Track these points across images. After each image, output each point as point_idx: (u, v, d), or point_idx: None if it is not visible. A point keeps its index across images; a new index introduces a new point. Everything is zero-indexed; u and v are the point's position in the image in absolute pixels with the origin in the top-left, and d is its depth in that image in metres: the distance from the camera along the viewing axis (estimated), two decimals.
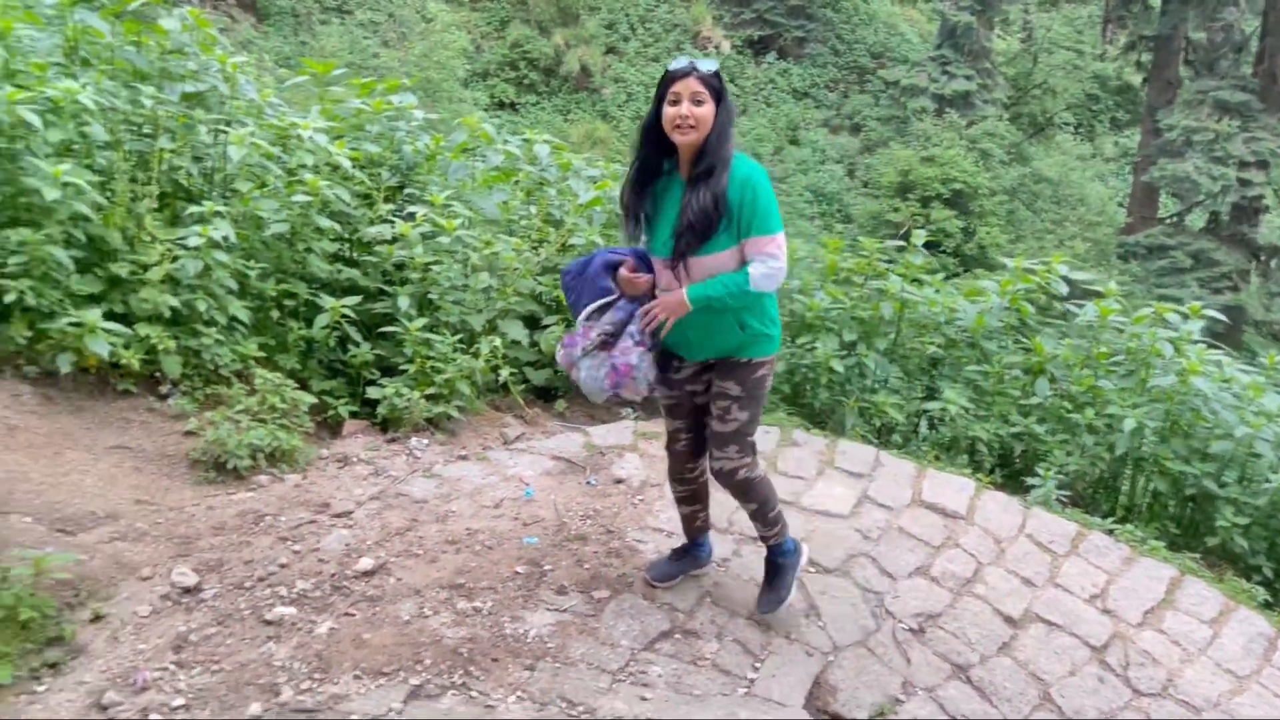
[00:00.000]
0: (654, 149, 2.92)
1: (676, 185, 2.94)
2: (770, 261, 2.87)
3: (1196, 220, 24.03)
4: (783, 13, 26.72)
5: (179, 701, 2.62)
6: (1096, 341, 5.29)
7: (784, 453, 4.42)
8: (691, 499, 3.35)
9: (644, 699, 2.87)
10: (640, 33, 25.76)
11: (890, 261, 5.63)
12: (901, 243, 5.59)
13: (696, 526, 3.43)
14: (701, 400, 3.15)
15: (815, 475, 4.28)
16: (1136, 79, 28.80)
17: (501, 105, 22.95)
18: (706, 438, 3.13)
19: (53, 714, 2.52)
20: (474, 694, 2.78)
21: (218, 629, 2.95)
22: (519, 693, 2.83)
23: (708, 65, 2.83)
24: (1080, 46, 31.99)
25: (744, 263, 2.88)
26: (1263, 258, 23.35)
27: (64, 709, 2.54)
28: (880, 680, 3.23)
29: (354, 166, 4.98)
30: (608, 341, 3.00)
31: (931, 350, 5.36)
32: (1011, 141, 26.04)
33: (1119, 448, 4.84)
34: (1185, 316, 5.31)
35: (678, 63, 2.87)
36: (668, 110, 2.83)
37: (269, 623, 3.00)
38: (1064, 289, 5.39)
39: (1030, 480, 4.71)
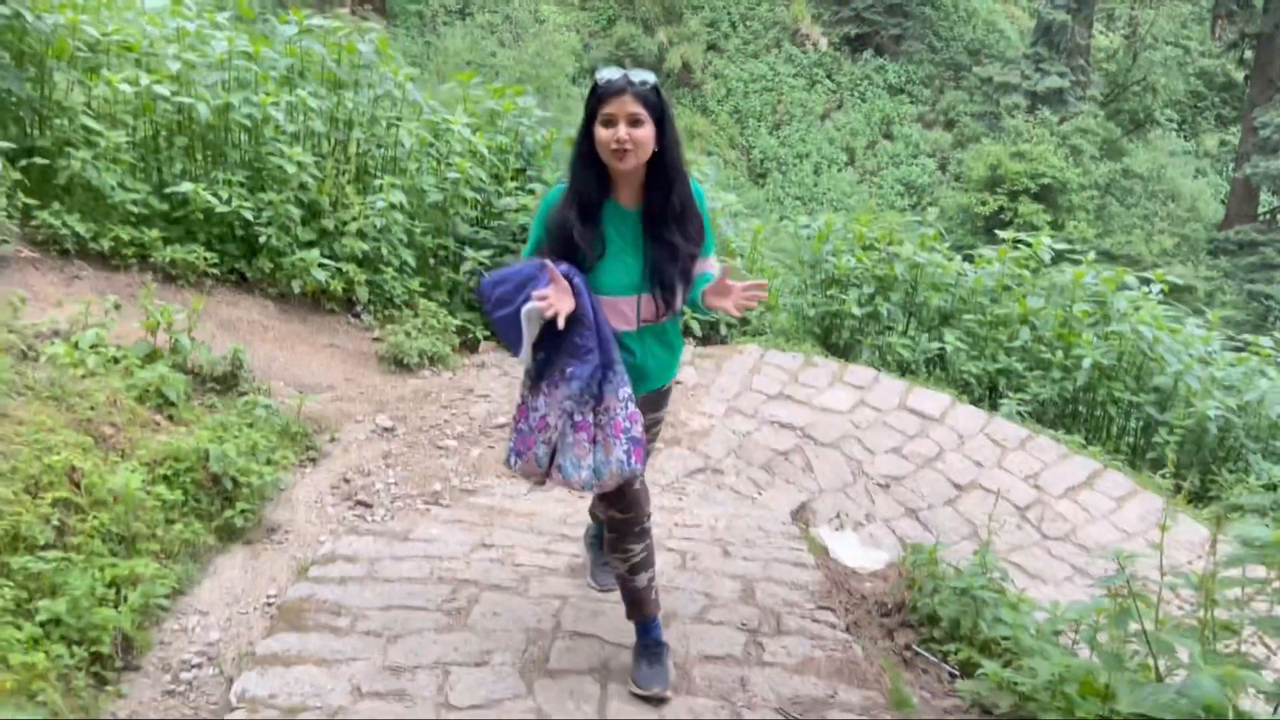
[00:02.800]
0: (593, 172, 2.54)
1: (622, 215, 2.60)
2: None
3: None
4: (881, 10, 27.61)
5: (389, 480, 4.23)
6: (1074, 300, 6.55)
7: (804, 371, 5.86)
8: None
9: (680, 500, 4.39)
10: (741, 30, 27.05)
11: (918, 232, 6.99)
12: (917, 219, 6.95)
13: None
14: None
15: (826, 385, 5.72)
16: (1240, 76, 28.90)
17: None
18: None
19: (318, 486, 4.14)
20: (578, 498, 4.33)
21: (408, 450, 4.56)
22: None
23: (642, 77, 2.48)
24: (1186, 42, 32.05)
25: None
26: None
27: (324, 482, 4.17)
28: (849, 510, 4.67)
29: (489, 152, 6.58)
30: (594, 408, 2.58)
31: (938, 303, 6.71)
32: (1105, 138, 26.52)
33: (1079, 380, 6.13)
34: (1148, 282, 6.54)
35: (607, 75, 2.49)
36: (600, 133, 2.47)
37: (440, 448, 4.61)
38: (1049, 256, 6.67)
39: (1003, 402, 6.05)
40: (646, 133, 2.48)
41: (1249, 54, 27.20)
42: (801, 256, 7.08)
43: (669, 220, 2.58)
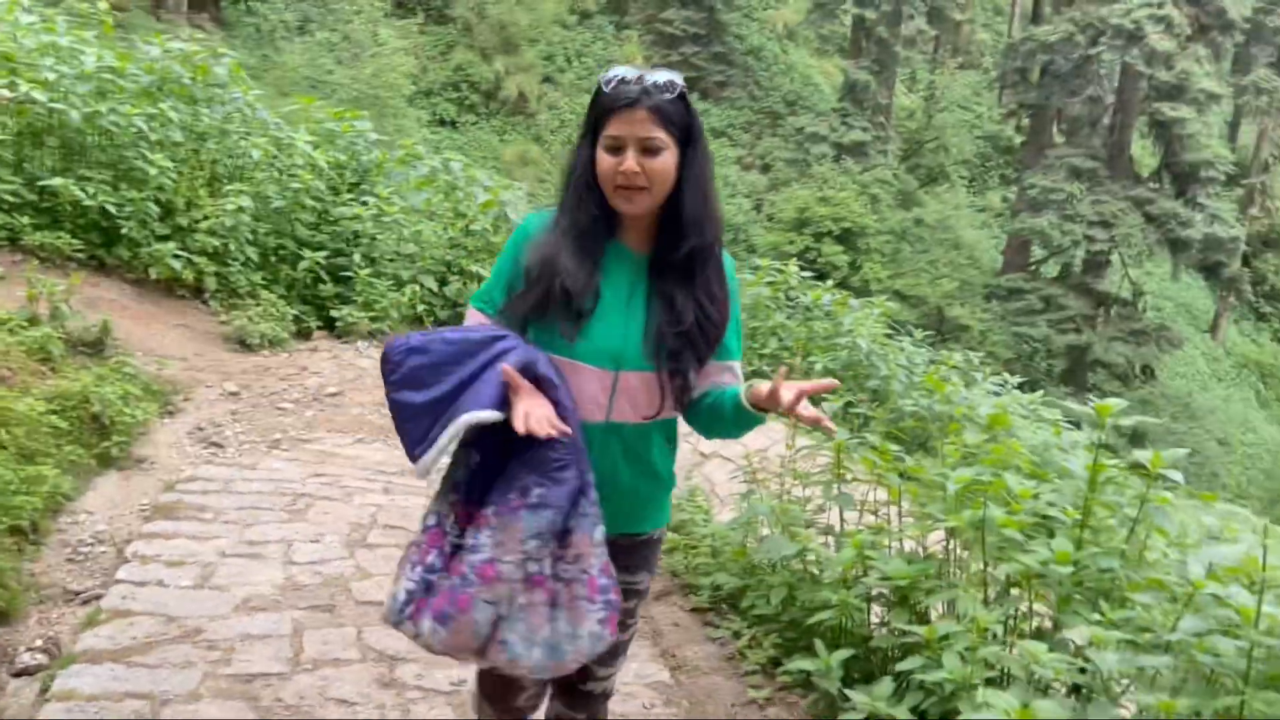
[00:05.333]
0: (592, 201, 1.85)
1: (625, 261, 1.89)
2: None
3: (1050, 270, 27.47)
4: (707, 57, 29.52)
5: (237, 430, 5.17)
6: (815, 319, 8.05)
7: None
8: None
9: None
10: (575, 65, 28.47)
11: None
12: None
13: None
14: None
15: None
16: (1018, 141, 32.39)
17: (442, 123, 25.48)
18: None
19: (176, 432, 5.04)
20: (389, 442, 5.38)
21: (252, 409, 5.50)
22: None
23: (664, 79, 1.79)
24: (976, 107, 35.63)
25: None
26: (1106, 305, 26.66)
27: (181, 429, 5.07)
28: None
29: (329, 167, 7.55)
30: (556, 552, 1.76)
31: None
32: (901, 189, 29.28)
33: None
34: (872, 305, 8.12)
35: (617, 77, 1.79)
36: (603, 160, 1.80)
37: (279, 409, 5.57)
38: (795, 282, 8.17)
39: None
40: (666, 163, 1.78)
41: (1025, 122, 30.66)
42: None
43: (686, 277, 1.86)
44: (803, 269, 8.47)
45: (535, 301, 1.84)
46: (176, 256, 6.42)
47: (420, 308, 7.39)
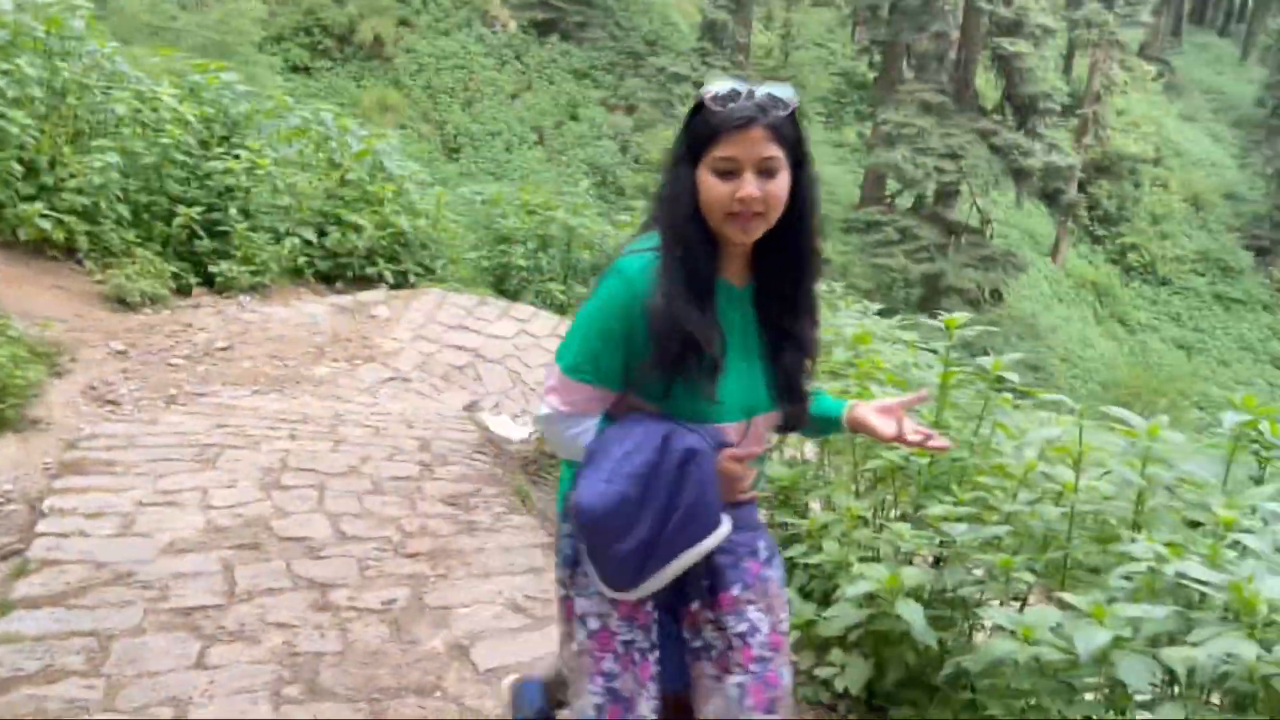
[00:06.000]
0: (701, 239, 1.68)
1: (733, 299, 1.76)
2: None
3: (905, 201, 28.61)
4: None
5: (131, 388, 5.20)
6: None
7: (478, 308, 7.28)
8: None
9: (375, 399, 5.67)
10: (432, 7, 27.86)
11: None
12: (573, 188, 8.56)
13: None
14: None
15: (495, 319, 7.17)
16: (872, 77, 33.36)
17: (295, 69, 24.69)
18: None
19: (68, 393, 5.04)
20: (286, 393, 5.49)
21: (143, 367, 5.52)
22: (309, 394, 5.56)
23: (780, 97, 1.65)
24: (831, 45, 36.46)
25: None
26: (956, 233, 27.95)
27: (73, 389, 5.07)
28: (508, 405, 6.15)
29: (197, 121, 7.43)
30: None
31: (588, 257, 8.35)
32: None
33: None
34: None
35: (726, 94, 1.64)
36: (714, 186, 1.63)
37: (170, 365, 5.60)
38: None
39: None
40: (782, 186, 1.66)
41: (877, 58, 31.61)
42: (477, 219, 8.49)
43: (792, 309, 1.78)
44: None
45: (671, 361, 1.66)
46: (45, 216, 6.28)
47: (300, 259, 7.41)
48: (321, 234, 7.71)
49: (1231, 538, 2.28)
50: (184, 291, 7.04)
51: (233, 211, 7.22)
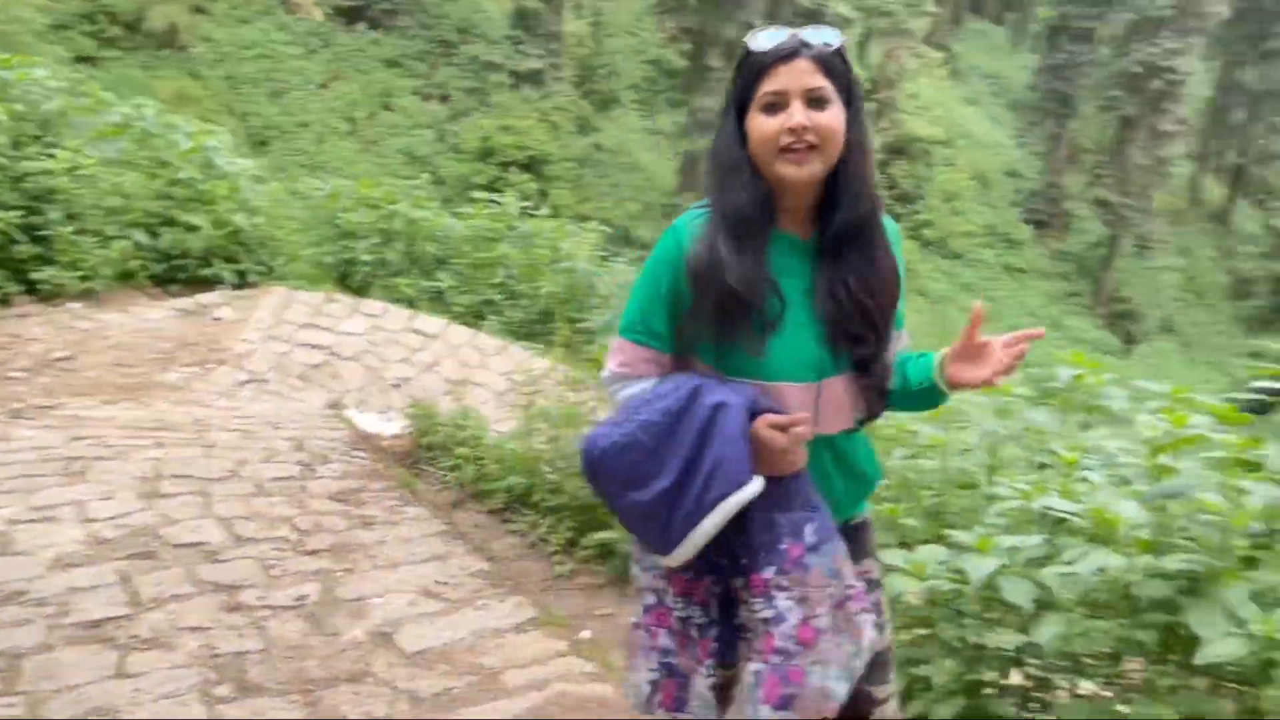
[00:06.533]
0: (750, 186, 1.62)
1: (793, 253, 1.68)
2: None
3: None
4: None
5: None
6: (536, 248, 8.54)
7: (326, 306, 7.18)
8: None
9: (235, 403, 5.56)
10: None
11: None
12: (412, 181, 8.52)
13: None
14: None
15: (346, 316, 7.10)
16: (683, 65, 34.11)
17: (81, 59, 23.10)
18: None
19: None
20: (139, 401, 5.31)
21: None
22: (164, 401, 5.39)
23: (824, 37, 1.61)
24: (641, 33, 37.00)
25: None
26: None
27: None
28: (371, 401, 6.14)
29: (8, 119, 6.98)
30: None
31: (433, 251, 8.34)
32: (579, 115, 30.14)
33: (541, 305, 8.12)
34: (586, 230, 8.72)
35: (769, 36, 1.61)
36: (763, 123, 1.59)
37: (10, 378, 5.31)
38: (517, 213, 8.59)
39: (486, 322, 7.85)
40: (836, 117, 1.60)
41: (687, 46, 32.35)
42: (317, 214, 8.32)
43: (857, 254, 1.68)
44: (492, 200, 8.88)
45: (712, 313, 1.61)
46: None
47: (133, 263, 7.10)
48: (154, 235, 7.40)
49: (1077, 474, 2.66)
50: (3, 302, 6.63)
51: (55, 215, 6.84)
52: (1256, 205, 37.07)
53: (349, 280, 8.07)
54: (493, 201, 8.68)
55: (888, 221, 1.73)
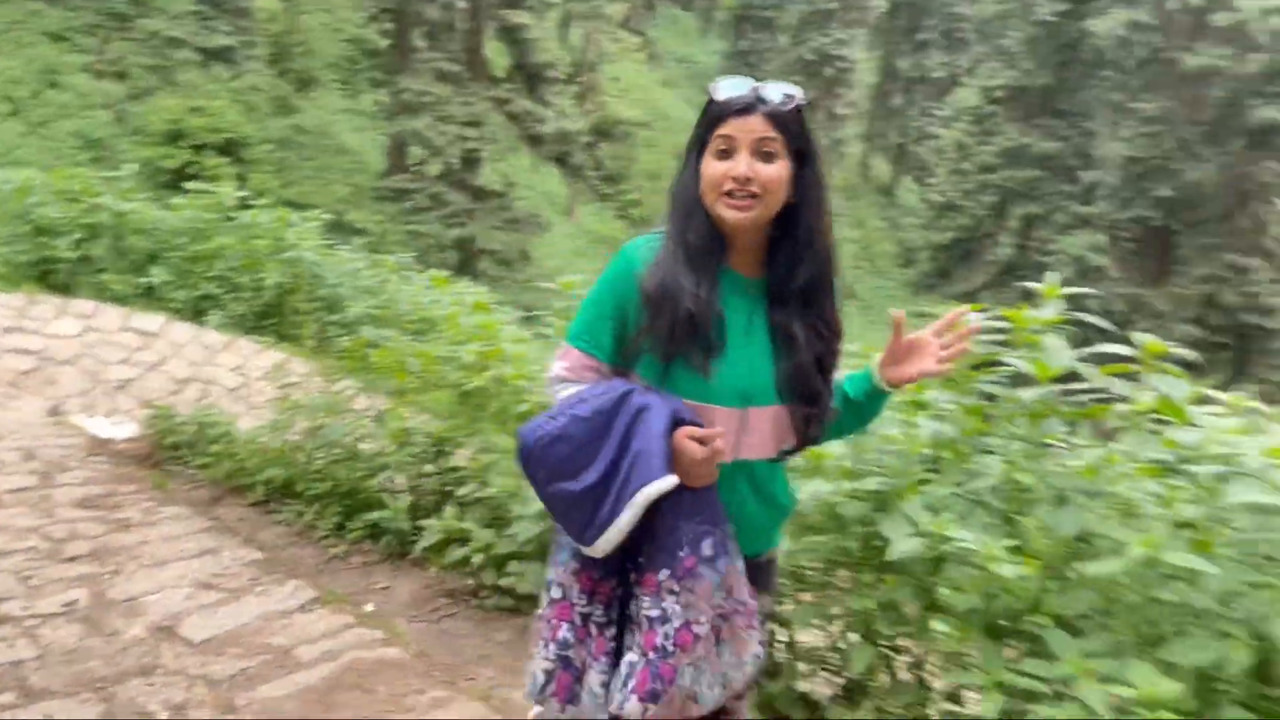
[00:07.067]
0: (704, 222, 1.75)
1: (739, 288, 1.81)
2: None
3: (434, 168, 29.29)
4: None
5: None
6: (258, 238, 8.34)
7: (30, 308, 6.72)
8: None
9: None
10: None
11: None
12: (116, 172, 8.07)
13: None
14: None
15: (54, 318, 6.68)
16: (385, 44, 33.35)
17: None
18: None
19: None
20: None
21: None
22: None
23: (784, 91, 1.73)
24: (340, 11, 35.76)
25: None
26: (483, 198, 29.15)
27: None
28: (97, 405, 5.87)
29: None
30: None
31: (144, 245, 7.96)
32: (276, 95, 28.82)
33: (267, 297, 7.97)
34: (309, 218, 8.62)
35: (729, 87, 1.75)
36: (712, 166, 1.72)
37: None
38: (232, 203, 8.35)
39: (208, 318, 7.63)
40: (779, 172, 1.71)
41: (388, 26, 31.68)
42: (3, 209, 7.69)
43: (804, 305, 1.80)
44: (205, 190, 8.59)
45: (664, 332, 1.71)
46: None
47: None
48: None
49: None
50: None
51: None
52: (916, 181, 41.54)
53: (50, 279, 7.55)
54: (206, 191, 8.37)
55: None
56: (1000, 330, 2.69)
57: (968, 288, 29.97)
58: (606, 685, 1.75)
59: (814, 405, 1.80)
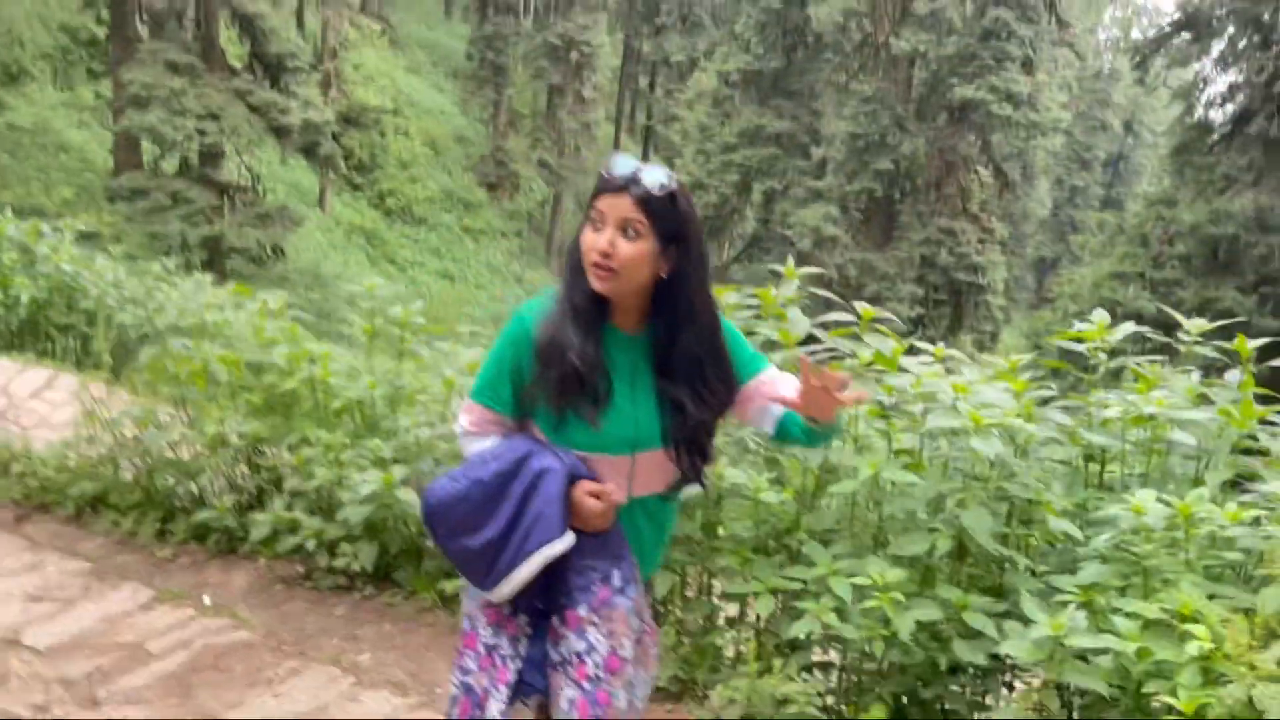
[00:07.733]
0: (588, 292, 1.89)
1: (622, 344, 1.94)
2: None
3: (171, 165, 27.71)
4: None
5: None
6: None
7: None
8: None
9: None
10: None
11: None
12: None
13: None
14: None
15: None
16: (102, 33, 31.02)
17: None
18: None
19: None
20: None
21: None
22: None
23: (657, 178, 1.84)
24: None
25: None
26: (229, 194, 27.89)
27: None
28: None
29: None
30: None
31: None
32: None
33: (22, 314, 7.65)
34: (64, 226, 8.30)
35: (617, 165, 1.87)
36: (587, 236, 1.86)
37: None
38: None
39: None
40: (639, 250, 1.82)
41: (105, 14, 29.53)
42: None
43: (684, 362, 1.93)
44: None
45: (553, 385, 1.86)
46: None
47: None
48: None
49: None
50: None
51: None
52: (665, 161, 43.16)
53: None
54: None
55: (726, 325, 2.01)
56: (752, 306, 3.31)
57: (718, 262, 31.69)
58: (505, 715, 1.91)
59: (700, 456, 1.98)
